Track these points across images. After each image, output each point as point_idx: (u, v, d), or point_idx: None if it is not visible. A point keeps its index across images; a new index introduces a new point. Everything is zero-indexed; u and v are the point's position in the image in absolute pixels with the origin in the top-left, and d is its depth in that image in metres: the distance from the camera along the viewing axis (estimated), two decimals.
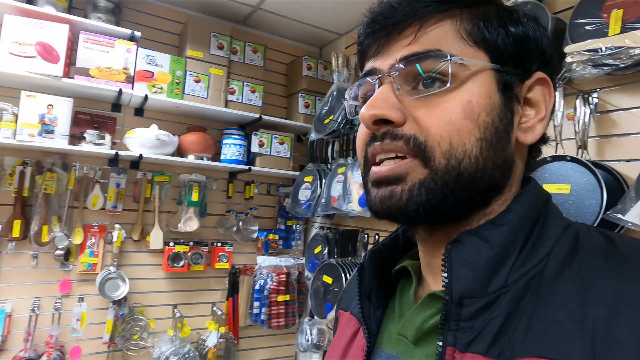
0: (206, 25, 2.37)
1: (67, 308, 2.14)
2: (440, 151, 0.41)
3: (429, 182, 0.42)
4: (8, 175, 2.01)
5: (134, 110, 2.37)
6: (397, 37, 0.44)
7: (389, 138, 0.43)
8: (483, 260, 0.40)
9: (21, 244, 2.05)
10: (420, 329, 0.45)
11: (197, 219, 2.41)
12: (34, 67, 1.83)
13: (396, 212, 0.43)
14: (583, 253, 0.39)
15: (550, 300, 0.37)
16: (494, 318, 0.38)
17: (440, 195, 0.41)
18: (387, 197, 0.43)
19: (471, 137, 0.41)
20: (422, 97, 0.42)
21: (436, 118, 0.41)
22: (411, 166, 0.42)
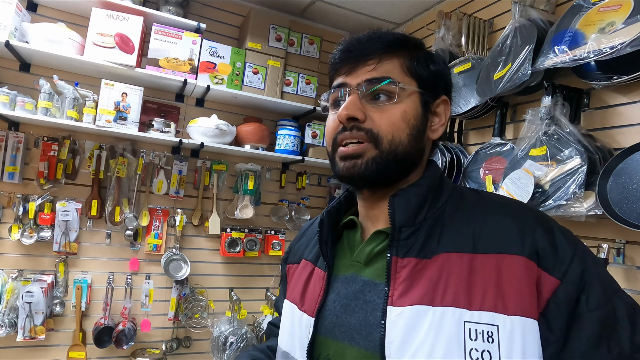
0: (266, 17, 2.44)
1: (136, 284, 2.28)
2: (386, 140, 0.65)
3: (378, 158, 0.65)
4: (87, 158, 2.18)
5: (196, 101, 2.47)
6: (363, 64, 0.67)
7: (355, 129, 0.65)
8: (411, 204, 0.65)
9: (98, 222, 2.21)
10: (371, 253, 0.69)
11: (252, 207, 2.48)
12: (113, 57, 1.97)
13: (356, 176, 0.66)
14: (466, 200, 0.68)
15: (450, 225, 0.64)
16: (419, 237, 0.64)
17: (384, 167, 0.65)
18: (351, 167, 0.66)
19: (404, 133, 0.66)
20: (376, 105, 0.66)
21: (385, 119, 0.65)
22: (367, 147, 0.65)
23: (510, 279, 0.56)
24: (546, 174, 1.38)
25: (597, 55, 1.15)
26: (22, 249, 2.07)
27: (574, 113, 1.37)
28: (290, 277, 0.83)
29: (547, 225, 0.61)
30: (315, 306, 0.69)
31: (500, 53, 1.60)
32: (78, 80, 2.10)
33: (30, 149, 2.10)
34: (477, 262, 0.58)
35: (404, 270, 0.61)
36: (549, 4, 1.54)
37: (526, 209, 0.65)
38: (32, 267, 2.09)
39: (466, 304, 0.56)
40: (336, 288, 0.69)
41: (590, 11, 1.25)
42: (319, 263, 0.74)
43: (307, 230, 0.88)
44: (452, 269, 0.59)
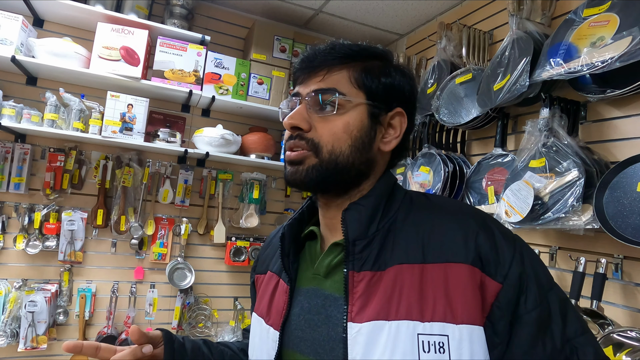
0: (270, 29, 2.47)
1: (141, 293, 2.31)
2: (326, 149, 0.66)
3: (318, 166, 0.66)
4: (94, 169, 2.22)
5: (201, 111, 2.51)
6: (315, 74, 0.69)
7: (298, 138, 0.68)
8: (362, 217, 0.66)
9: (103, 231, 2.25)
10: (329, 265, 0.69)
11: (257, 216, 2.50)
12: (118, 69, 2.02)
13: (298, 182, 0.68)
14: (416, 206, 0.70)
15: (401, 234, 0.65)
16: (373, 249, 0.65)
17: (324, 175, 0.67)
18: (293, 172, 0.68)
19: (345, 144, 0.67)
20: (321, 115, 0.68)
21: (327, 130, 0.67)
22: (307, 155, 0.67)
23: (457, 287, 0.58)
24: (545, 186, 1.37)
25: (590, 69, 1.15)
26: (27, 259, 2.10)
27: (572, 125, 1.36)
28: (258, 287, 0.84)
29: (489, 228, 0.63)
30: (280, 320, 0.70)
31: (499, 64, 1.60)
32: (84, 93, 2.15)
33: (37, 160, 2.14)
34: (426, 272, 0.60)
35: (360, 285, 0.62)
36: (544, 17, 1.54)
37: (468, 211, 0.67)
38: (36, 276, 2.12)
39: (419, 316, 0.58)
40: (299, 302, 0.70)
41: (582, 25, 1.26)
42: (283, 275, 0.74)
43: (273, 239, 0.87)
44: (404, 281, 0.60)
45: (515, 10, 1.56)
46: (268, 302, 0.75)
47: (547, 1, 1.55)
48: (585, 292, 1.26)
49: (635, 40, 1.07)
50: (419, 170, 2.01)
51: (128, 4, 2.16)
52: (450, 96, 1.94)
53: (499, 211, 1.50)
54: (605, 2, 1.24)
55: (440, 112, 1.94)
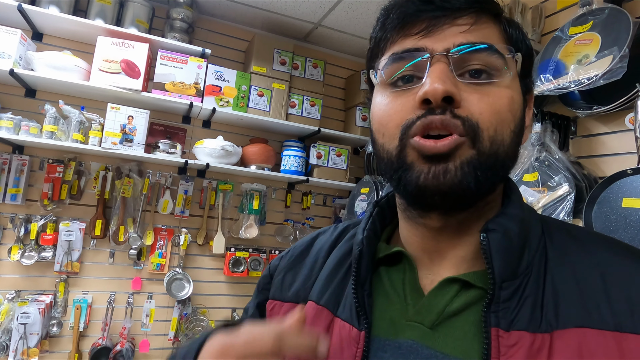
0: (270, 42, 2.50)
1: (138, 304, 2.31)
2: (487, 135, 0.43)
3: (476, 161, 0.43)
4: (93, 179, 2.25)
5: (202, 123, 2.54)
6: (452, 22, 0.45)
7: (450, 114, 0.43)
8: (515, 247, 0.44)
9: (101, 242, 2.26)
10: (443, 313, 0.46)
11: (257, 227, 2.50)
12: (119, 82, 2.05)
13: (447, 189, 0.43)
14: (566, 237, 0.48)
15: (562, 278, 0.44)
16: (526, 297, 0.42)
17: (484, 174, 0.43)
18: (440, 172, 0.43)
19: (508, 129, 0.45)
20: (473, 84, 0.44)
21: (488, 105, 0.43)
22: (462, 143, 0.43)
23: None
24: (538, 200, 1.36)
25: (577, 86, 1.16)
26: (22, 270, 2.10)
27: (563, 140, 1.37)
28: (272, 318, 0.59)
29: None
30: None
31: None
32: (84, 105, 2.18)
33: (35, 171, 2.16)
34: (625, 344, 0.39)
35: (517, 351, 0.40)
36: (534, 33, 1.55)
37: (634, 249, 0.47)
38: (31, 287, 2.12)
39: None
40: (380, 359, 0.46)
41: (568, 43, 1.28)
42: (345, 314, 0.50)
43: (307, 252, 0.62)
44: (595, 353, 0.39)
45: None
46: None
47: (537, 18, 1.57)
48: None
49: (616, 60, 1.09)
50: None
51: (128, 17, 2.20)
52: None
53: None
54: (588, 21, 1.27)
55: None
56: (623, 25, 1.16)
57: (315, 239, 0.64)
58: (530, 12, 1.61)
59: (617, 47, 1.12)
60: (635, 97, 1.12)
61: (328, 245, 0.60)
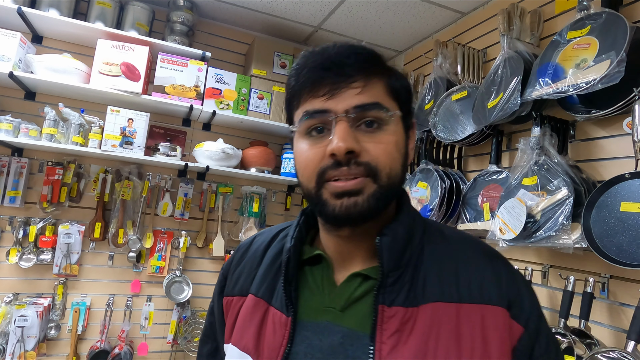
0: (270, 45, 2.51)
1: (136, 306, 2.31)
2: (385, 173, 0.58)
3: (377, 193, 0.58)
4: (92, 182, 2.25)
5: (202, 125, 2.54)
6: (348, 86, 0.58)
7: (354, 165, 0.57)
8: (398, 245, 0.60)
9: (100, 244, 2.26)
10: (349, 299, 0.61)
11: (256, 229, 2.50)
12: (119, 84, 2.05)
13: (357, 215, 0.58)
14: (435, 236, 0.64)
15: (430, 267, 0.60)
16: (404, 283, 0.59)
17: (383, 202, 0.59)
18: (351, 205, 0.57)
19: (398, 164, 0.60)
20: (368, 134, 0.58)
21: (382, 150, 0.58)
22: (366, 182, 0.58)
23: (494, 330, 0.56)
24: (537, 204, 1.36)
25: (576, 90, 1.16)
26: (20, 273, 2.10)
27: (562, 144, 1.37)
28: (228, 312, 0.71)
29: (511, 269, 0.63)
30: (278, 358, 0.60)
31: (492, 82, 1.61)
32: (84, 107, 2.18)
33: (34, 174, 2.16)
34: (463, 312, 0.57)
35: (392, 322, 0.56)
36: (533, 37, 1.56)
37: (489, 249, 0.65)
38: (29, 290, 2.11)
39: (456, 357, 0.54)
40: (306, 337, 0.61)
41: (567, 47, 1.28)
42: (277, 303, 0.64)
43: (247, 253, 0.75)
44: (442, 320, 0.56)
45: (506, 30, 1.58)
46: (256, 334, 0.64)
47: (535, 22, 1.57)
48: (574, 311, 1.25)
49: (613, 64, 1.09)
50: (417, 185, 2.01)
51: (129, 20, 2.21)
52: (446, 113, 1.95)
53: (493, 228, 1.49)
54: (585, 25, 1.27)
55: (437, 128, 1.94)
56: (620, 30, 1.16)
57: (253, 240, 0.78)
58: (529, 16, 1.62)
59: (615, 51, 1.12)
60: (633, 102, 1.12)
61: (264, 246, 0.74)
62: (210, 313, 0.79)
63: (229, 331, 0.69)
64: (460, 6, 2.06)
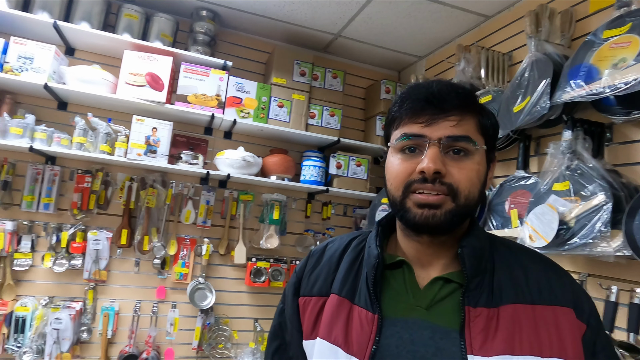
0: (290, 53, 2.53)
1: (162, 312, 2.33)
2: (464, 195, 0.68)
3: (454, 210, 0.68)
4: (119, 189, 2.29)
5: (224, 134, 2.57)
6: (444, 117, 0.69)
7: (438, 183, 0.67)
8: (477, 255, 0.70)
9: (127, 251, 2.30)
10: (433, 299, 0.70)
11: (277, 237, 2.50)
12: (144, 94, 2.10)
13: (433, 225, 0.68)
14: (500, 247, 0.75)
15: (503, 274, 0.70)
16: (485, 287, 0.69)
17: (458, 219, 0.69)
18: (430, 216, 0.68)
19: (476, 189, 0.69)
20: (455, 161, 0.69)
21: (464, 176, 0.68)
22: (445, 200, 0.68)
23: (566, 328, 0.65)
24: (570, 210, 1.32)
25: (613, 91, 1.12)
26: (54, 277, 2.16)
27: (597, 147, 1.32)
28: (306, 311, 0.79)
29: (569, 275, 0.73)
30: (367, 350, 0.68)
31: (519, 86, 1.58)
32: (111, 117, 2.23)
33: (65, 181, 2.23)
34: (537, 312, 0.66)
35: (479, 320, 0.65)
36: (563, 38, 1.51)
37: (547, 258, 0.76)
38: (62, 294, 2.18)
39: (539, 352, 0.63)
40: (396, 332, 0.69)
41: (602, 47, 1.23)
42: (361, 302, 0.72)
43: (322, 258, 0.84)
44: (521, 319, 0.65)
45: (534, 32, 1.55)
46: (343, 329, 0.72)
47: (567, 23, 1.53)
48: (618, 323, 1.20)
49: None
50: None
51: (154, 32, 2.26)
52: None
53: (522, 235, 1.46)
54: (626, 23, 1.22)
55: None
56: None
57: (325, 247, 0.86)
58: (559, 16, 1.58)
59: None
60: None
61: (339, 252, 0.82)
62: (280, 313, 0.86)
63: (310, 327, 0.77)
64: (485, 9, 2.03)
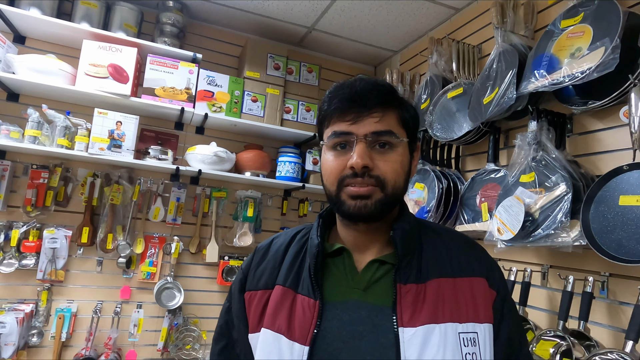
0: (264, 47, 2.47)
1: (126, 313, 2.25)
2: (391, 185, 0.75)
3: (383, 199, 0.75)
4: (80, 185, 2.20)
5: (196, 129, 2.50)
6: (369, 115, 0.76)
7: (367, 176, 0.74)
8: (406, 237, 0.78)
9: (88, 249, 2.20)
10: (370, 280, 0.77)
11: (251, 235, 2.44)
12: (106, 86, 2.01)
13: (366, 215, 0.75)
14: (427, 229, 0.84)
15: (429, 253, 0.79)
16: (413, 265, 0.76)
17: (387, 206, 0.77)
18: (362, 206, 0.75)
19: (402, 179, 0.77)
20: (380, 154, 0.76)
21: (389, 167, 0.75)
22: (375, 190, 0.75)
23: (479, 295, 0.75)
24: (536, 202, 1.30)
25: (571, 80, 1.10)
26: (1, 278, 2.03)
27: (559, 138, 1.31)
28: (252, 305, 0.82)
29: (485, 252, 0.84)
30: (309, 335, 0.73)
31: (488, 77, 1.55)
32: (70, 109, 2.14)
33: (18, 177, 2.11)
34: (457, 284, 0.75)
35: (409, 295, 0.73)
36: (527, 29, 1.50)
37: (465, 236, 0.86)
38: (10, 296, 2.05)
39: (458, 318, 0.72)
40: (336, 315, 0.74)
41: (561, 36, 1.23)
42: (303, 290, 0.77)
43: (268, 253, 0.87)
44: (444, 291, 0.74)
45: (500, 23, 1.53)
46: (287, 317, 0.76)
47: (529, 14, 1.52)
48: (573, 312, 1.20)
49: (608, 51, 1.05)
50: (414, 187, 1.95)
51: (116, 22, 2.17)
52: (442, 111, 1.89)
53: (491, 228, 1.43)
54: (579, 13, 1.23)
55: (434, 127, 1.89)
56: (613, 15, 1.11)
57: (271, 242, 0.90)
58: (522, 8, 1.56)
59: (609, 38, 1.08)
60: (629, 90, 1.06)
61: (284, 246, 0.86)
62: (226, 312, 0.88)
63: (256, 320, 0.80)
64: (454, 2, 2.01)
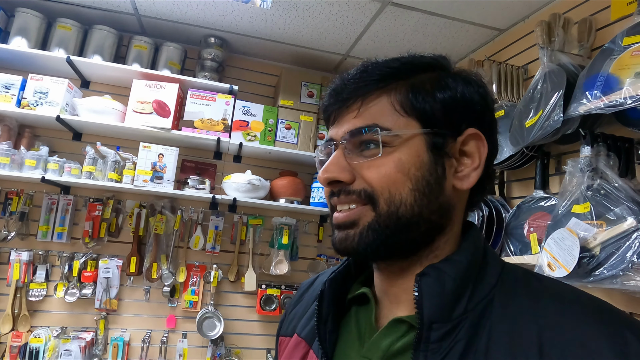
0: (298, 75, 2.50)
1: (172, 342, 2.27)
2: (383, 198, 0.50)
3: (375, 224, 0.50)
4: (128, 217, 2.29)
5: (233, 158, 2.54)
6: (346, 110, 0.54)
7: (343, 194, 0.52)
8: (447, 290, 0.47)
9: (137, 278, 2.27)
10: (387, 351, 0.50)
11: (287, 262, 2.42)
12: (150, 121, 2.11)
13: (350, 251, 0.52)
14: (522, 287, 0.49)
15: (501, 327, 0.45)
16: (458, 340, 0.45)
17: (383, 236, 0.50)
18: (343, 239, 0.52)
19: (405, 188, 0.50)
20: (366, 158, 0.51)
21: (375, 174, 0.50)
22: (363, 211, 0.51)
23: None
24: (595, 236, 1.20)
25: (636, 101, 1.00)
26: (66, 307, 2.15)
27: (625, 165, 1.20)
28: (280, 351, 0.66)
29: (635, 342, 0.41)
30: None
31: (531, 100, 1.48)
32: (120, 145, 2.26)
33: (79, 210, 2.25)
34: None
35: None
36: (582, 48, 1.41)
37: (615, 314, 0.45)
38: (74, 324, 2.16)
39: None
40: None
41: (623, 55, 1.13)
42: (315, 346, 0.57)
43: (304, 293, 0.69)
44: None
45: (546, 42, 1.46)
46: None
47: (585, 32, 1.43)
48: None
49: None
50: None
51: (162, 60, 2.29)
52: None
53: (540, 263, 1.33)
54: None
55: None
56: None
57: (315, 279, 0.71)
58: (577, 26, 1.48)
59: None
60: None
61: (318, 287, 0.65)
62: None
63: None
64: (498, 23, 1.95)
